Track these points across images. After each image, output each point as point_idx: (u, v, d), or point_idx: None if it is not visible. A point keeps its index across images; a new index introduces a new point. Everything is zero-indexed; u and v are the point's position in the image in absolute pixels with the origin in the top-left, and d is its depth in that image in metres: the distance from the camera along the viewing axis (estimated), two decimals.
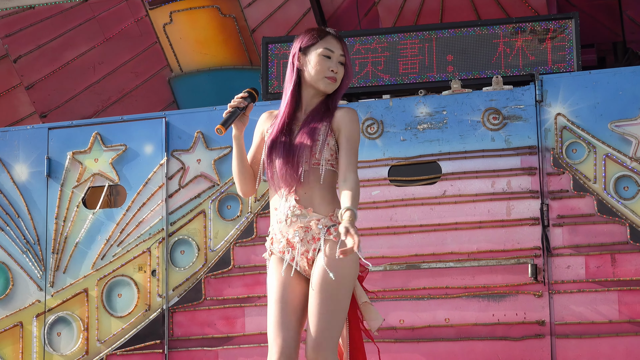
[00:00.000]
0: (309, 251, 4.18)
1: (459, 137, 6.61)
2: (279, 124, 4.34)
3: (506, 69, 6.79)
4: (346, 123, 4.30)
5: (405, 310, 6.52)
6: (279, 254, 4.26)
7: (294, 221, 4.18)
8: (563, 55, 6.74)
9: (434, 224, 6.56)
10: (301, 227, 4.18)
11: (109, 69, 8.65)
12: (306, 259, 4.20)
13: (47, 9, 8.41)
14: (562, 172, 6.42)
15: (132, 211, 7.06)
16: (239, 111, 4.30)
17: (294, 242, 4.20)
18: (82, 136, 7.25)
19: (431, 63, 6.91)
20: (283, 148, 4.25)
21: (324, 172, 4.22)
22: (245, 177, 4.36)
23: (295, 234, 4.19)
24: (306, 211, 4.18)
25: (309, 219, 4.17)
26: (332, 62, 4.29)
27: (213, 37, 8.44)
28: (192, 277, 6.91)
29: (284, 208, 4.22)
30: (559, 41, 6.77)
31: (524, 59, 6.78)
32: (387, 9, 7.97)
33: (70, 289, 7.10)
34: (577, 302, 6.29)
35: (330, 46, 4.30)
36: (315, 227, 4.16)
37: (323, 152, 4.22)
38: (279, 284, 4.20)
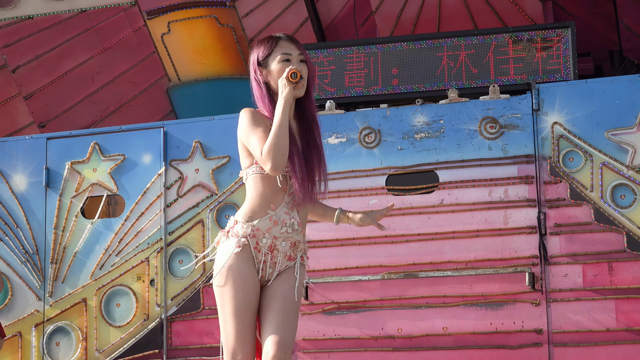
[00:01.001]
0: (279, 264, 4.16)
1: (456, 146, 6.62)
2: None
3: (503, 78, 6.81)
4: None
5: (403, 319, 6.54)
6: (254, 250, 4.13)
7: (289, 233, 4.15)
8: (560, 64, 6.76)
9: (431, 233, 6.57)
10: (289, 241, 4.17)
11: (107, 79, 8.68)
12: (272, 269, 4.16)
13: (45, 19, 8.44)
14: (559, 180, 6.44)
15: (131, 221, 7.08)
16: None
17: (276, 249, 4.14)
18: (81, 146, 7.26)
19: (428, 72, 6.92)
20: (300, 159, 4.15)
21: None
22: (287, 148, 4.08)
23: (283, 244, 4.14)
24: (300, 230, 4.18)
25: (298, 239, 4.18)
26: (293, 64, 4.18)
27: (211, 46, 8.46)
28: (190, 287, 6.92)
29: (284, 215, 4.15)
30: (555, 50, 6.79)
31: (521, 67, 6.80)
32: (384, 18, 7.99)
33: (69, 298, 7.11)
34: (575, 310, 6.30)
35: (286, 50, 4.20)
36: (297, 249, 4.19)
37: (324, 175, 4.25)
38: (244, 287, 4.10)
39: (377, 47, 7.02)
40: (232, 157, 6.96)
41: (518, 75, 6.80)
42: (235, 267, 4.13)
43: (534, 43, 6.83)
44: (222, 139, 7.01)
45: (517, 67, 6.81)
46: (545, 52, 6.80)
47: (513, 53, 6.84)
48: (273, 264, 4.17)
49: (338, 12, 8.30)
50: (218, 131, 7.03)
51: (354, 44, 7.12)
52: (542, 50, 6.81)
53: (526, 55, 6.82)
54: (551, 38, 6.81)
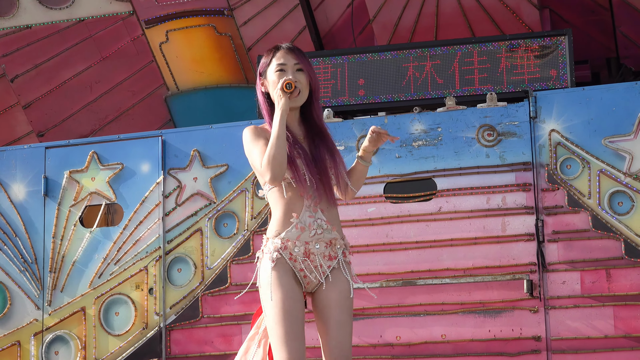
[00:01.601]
0: (322, 265, 4.18)
1: (453, 153, 6.64)
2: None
3: (500, 85, 6.83)
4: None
5: (402, 326, 6.54)
6: (289, 260, 4.19)
7: (319, 233, 4.18)
8: (557, 71, 6.77)
9: (429, 241, 6.58)
10: (323, 241, 4.18)
11: (106, 88, 8.69)
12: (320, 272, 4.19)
13: (43, 28, 8.46)
14: (557, 188, 6.45)
15: (129, 229, 7.08)
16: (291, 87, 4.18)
17: (312, 253, 4.18)
18: (79, 155, 7.27)
19: (426, 80, 6.94)
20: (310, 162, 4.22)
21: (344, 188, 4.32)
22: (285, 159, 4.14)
23: (316, 246, 4.17)
24: (331, 227, 4.19)
25: (332, 236, 4.19)
26: (287, 74, 4.22)
27: (209, 55, 8.47)
28: (189, 295, 6.92)
29: (308, 218, 4.18)
30: (552, 57, 6.80)
31: (518, 75, 6.82)
32: (382, 26, 8.01)
33: (67, 307, 7.11)
34: (573, 317, 6.31)
35: (281, 60, 4.25)
36: (335, 246, 4.20)
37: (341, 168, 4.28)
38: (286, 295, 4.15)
39: (375, 55, 7.04)
40: (230, 165, 6.97)
41: (515, 83, 6.82)
42: (274, 279, 4.19)
43: (531, 51, 6.85)
44: (220, 147, 7.02)
45: (515, 75, 6.83)
46: (543, 59, 6.82)
47: (510, 61, 6.86)
48: (314, 268, 4.19)
49: (336, 21, 8.32)
50: (216, 140, 7.05)
51: (352, 52, 7.14)
52: (539, 58, 6.83)
53: (523, 62, 6.84)
54: (548, 46, 6.83)
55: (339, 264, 4.20)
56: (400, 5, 7.90)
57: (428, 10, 7.91)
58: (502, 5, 7.78)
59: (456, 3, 7.83)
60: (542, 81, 6.78)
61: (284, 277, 4.19)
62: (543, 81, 6.78)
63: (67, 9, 8.39)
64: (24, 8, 8.38)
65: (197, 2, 8.26)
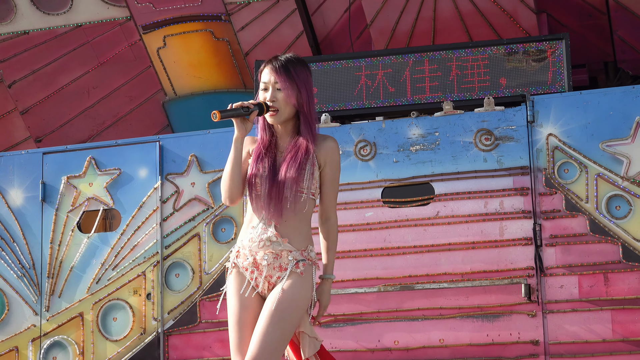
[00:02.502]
0: (272, 276, 4.33)
1: (451, 158, 6.64)
2: (257, 152, 4.44)
3: (497, 89, 6.84)
4: (332, 157, 4.43)
5: (400, 331, 6.54)
6: (242, 269, 4.37)
7: (267, 245, 4.32)
8: (554, 75, 6.78)
9: (427, 245, 6.58)
10: (272, 253, 4.32)
11: (103, 93, 8.70)
12: (268, 282, 4.34)
13: (41, 34, 8.47)
14: (555, 192, 6.45)
15: (127, 235, 7.08)
16: (242, 111, 4.30)
17: (260, 264, 4.33)
18: (77, 160, 7.27)
19: (423, 84, 6.95)
20: (268, 176, 4.35)
21: (307, 201, 4.38)
22: (235, 182, 4.37)
23: (264, 257, 4.31)
24: (282, 240, 4.32)
25: (282, 248, 4.32)
26: (268, 93, 4.37)
27: (206, 60, 8.48)
28: (187, 300, 6.92)
29: (260, 230, 4.35)
30: (550, 62, 6.81)
31: (515, 79, 6.83)
32: (379, 31, 8.02)
33: (65, 313, 7.11)
34: (571, 321, 6.30)
35: (264, 78, 4.39)
36: (286, 257, 4.32)
37: (307, 182, 4.34)
38: (238, 304, 4.36)
39: (373, 59, 7.05)
40: None
41: (513, 87, 6.82)
42: (229, 288, 4.41)
43: (528, 55, 6.86)
44: (218, 152, 7.02)
45: (512, 79, 6.84)
46: (540, 63, 6.83)
47: (508, 65, 6.87)
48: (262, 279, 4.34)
49: (333, 26, 8.33)
50: (214, 145, 7.05)
51: (349, 57, 7.15)
52: (536, 62, 6.83)
53: (521, 67, 6.85)
54: (545, 50, 6.84)
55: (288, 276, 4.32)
56: (398, 10, 7.91)
57: (425, 15, 7.92)
58: (499, 9, 7.80)
59: (453, 7, 7.84)
60: (540, 85, 6.79)
61: (236, 286, 4.38)
62: (540, 85, 6.79)
63: (65, 14, 8.39)
64: (21, 14, 8.39)
65: (195, 8, 8.26)
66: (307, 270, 4.36)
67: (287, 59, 4.40)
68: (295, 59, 4.42)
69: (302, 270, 4.33)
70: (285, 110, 4.37)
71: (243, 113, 4.29)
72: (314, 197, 4.41)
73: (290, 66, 4.37)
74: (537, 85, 6.78)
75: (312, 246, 4.41)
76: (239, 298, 4.37)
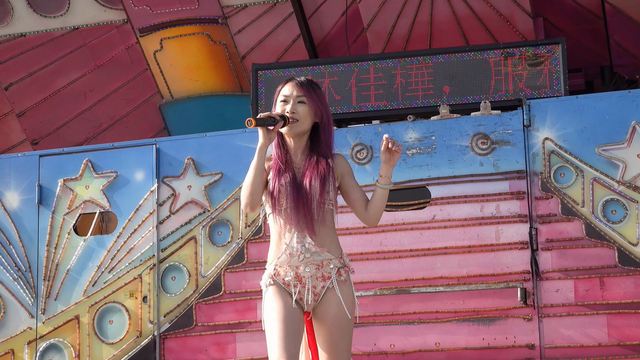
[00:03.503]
0: (316, 287, 4.37)
1: (447, 162, 6.65)
2: (276, 168, 4.49)
3: (494, 94, 6.84)
4: (346, 167, 4.51)
5: (396, 334, 6.54)
6: (283, 285, 4.40)
7: (307, 257, 4.37)
8: (550, 80, 6.79)
9: (423, 249, 6.59)
10: (313, 264, 4.37)
11: (100, 96, 8.69)
12: (313, 294, 4.38)
13: (38, 37, 8.46)
14: (551, 196, 6.46)
15: (123, 238, 7.08)
16: (271, 121, 4.37)
17: (303, 277, 4.38)
18: (73, 163, 7.27)
19: (420, 88, 6.95)
20: (292, 189, 4.41)
21: (330, 212, 4.43)
22: (257, 189, 4.40)
23: (306, 270, 4.37)
24: (321, 250, 4.37)
25: (322, 258, 4.37)
26: (288, 106, 4.45)
27: (203, 63, 8.48)
28: (183, 303, 6.92)
29: (296, 244, 4.39)
30: (546, 66, 6.82)
31: (512, 84, 6.84)
32: (376, 34, 8.03)
33: (61, 315, 7.11)
34: (567, 325, 6.31)
35: (286, 92, 4.48)
36: (327, 266, 4.38)
37: (330, 193, 4.41)
38: (283, 307, 4.36)
39: (369, 63, 7.05)
40: (224, 173, 6.98)
41: (509, 91, 6.83)
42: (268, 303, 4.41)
43: (524, 59, 6.87)
44: (214, 155, 7.02)
45: (508, 83, 6.85)
46: (537, 68, 6.84)
47: (504, 69, 6.88)
48: (307, 291, 4.39)
49: (330, 29, 8.33)
50: (210, 148, 7.05)
51: (346, 60, 7.16)
52: (533, 66, 6.84)
53: (517, 71, 6.86)
54: (542, 54, 6.85)
55: (332, 283, 4.37)
56: (394, 14, 7.92)
57: (422, 19, 7.93)
58: (495, 13, 7.81)
59: (450, 11, 7.85)
60: (536, 89, 6.80)
61: (279, 295, 4.39)
62: (537, 89, 6.80)
63: (62, 17, 8.39)
64: (18, 16, 8.39)
65: (192, 11, 8.27)
66: (348, 277, 4.43)
67: (308, 79, 4.56)
68: (314, 82, 4.57)
69: (345, 278, 4.40)
70: (305, 122, 4.46)
71: (272, 123, 4.37)
72: (333, 208, 4.45)
73: (311, 84, 4.52)
74: (533, 89, 6.79)
75: (345, 253, 4.47)
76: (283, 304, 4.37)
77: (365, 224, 4.53)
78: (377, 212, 4.48)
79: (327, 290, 4.39)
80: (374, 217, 4.48)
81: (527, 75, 6.83)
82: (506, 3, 7.77)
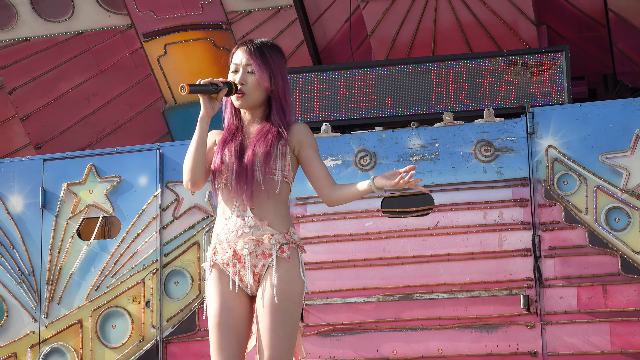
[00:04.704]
0: (256, 266, 4.00)
1: (451, 168, 6.66)
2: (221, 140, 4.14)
3: (498, 101, 6.86)
4: (306, 136, 4.14)
5: (398, 341, 6.55)
6: (222, 265, 4.03)
7: (246, 232, 4.00)
8: (554, 87, 6.80)
9: (426, 255, 6.59)
10: (252, 240, 3.99)
11: (104, 101, 8.71)
12: (253, 273, 4.00)
13: (42, 41, 8.47)
14: (554, 203, 6.47)
15: (127, 242, 7.09)
16: (211, 87, 4.02)
17: (241, 255, 4.00)
18: (77, 168, 7.28)
19: (423, 95, 6.97)
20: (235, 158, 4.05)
21: (280, 183, 4.05)
22: (198, 163, 4.06)
23: (245, 246, 3.99)
24: (261, 224, 4.00)
25: (262, 232, 4.00)
26: (238, 76, 4.12)
27: (207, 68, 8.49)
28: (186, 308, 6.93)
29: (235, 219, 4.03)
30: (549, 73, 6.83)
31: (515, 91, 6.85)
32: (379, 41, 8.04)
33: (64, 319, 7.11)
34: (569, 333, 6.32)
35: (235, 59, 4.16)
36: (268, 242, 3.99)
37: (278, 161, 4.04)
38: (219, 305, 4.01)
39: (373, 70, 7.06)
40: None
41: (512, 98, 6.84)
42: (208, 290, 4.07)
43: (528, 67, 6.88)
44: None
45: (512, 91, 6.86)
46: (540, 75, 6.85)
47: (508, 76, 6.89)
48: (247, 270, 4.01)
49: (334, 36, 8.34)
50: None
51: (349, 67, 7.17)
52: (536, 74, 6.85)
53: (520, 78, 6.87)
54: (545, 62, 6.86)
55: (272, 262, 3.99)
56: (398, 21, 7.93)
57: (426, 26, 7.94)
58: (499, 21, 7.82)
59: (454, 19, 7.87)
60: (540, 97, 6.81)
61: (218, 286, 4.03)
62: (540, 97, 6.81)
63: (66, 21, 8.40)
64: (22, 20, 8.40)
65: (196, 16, 8.28)
66: (294, 254, 4.02)
67: (263, 42, 4.18)
68: (270, 44, 4.19)
69: (289, 255, 4.00)
70: (255, 94, 4.10)
71: (212, 90, 4.02)
72: (287, 180, 4.07)
73: (265, 49, 4.15)
74: (537, 97, 6.80)
75: (294, 229, 4.07)
76: (221, 299, 4.00)
77: (323, 200, 4.13)
78: (344, 199, 4.08)
79: (268, 269, 3.99)
80: (337, 201, 4.09)
81: (531, 83, 6.84)
82: (510, 10, 7.78)
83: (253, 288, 4.03)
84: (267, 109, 4.16)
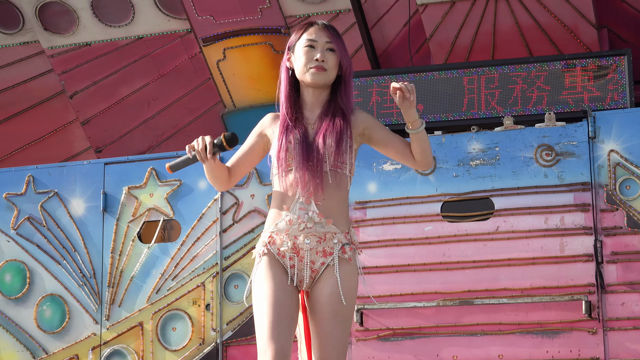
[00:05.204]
0: (315, 262, 3.92)
1: (511, 173, 6.62)
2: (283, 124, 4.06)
3: (559, 105, 6.81)
4: (371, 119, 4.08)
5: (459, 346, 6.53)
6: (278, 256, 3.94)
7: (309, 227, 3.90)
8: (616, 91, 6.75)
9: (487, 260, 6.57)
10: (314, 236, 3.91)
11: (163, 105, 8.77)
12: (310, 270, 3.93)
13: (102, 46, 8.56)
14: (616, 208, 6.42)
15: (187, 246, 7.14)
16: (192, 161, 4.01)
17: (301, 249, 3.92)
18: (138, 171, 7.34)
19: (483, 99, 6.94)
20: (301, 147, 3.94)
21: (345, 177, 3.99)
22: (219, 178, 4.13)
23: (306, 242, 3.91)
24: (325, 221, 3.92)
25: (326, 230, 3.92)
26: (316, 51, 3.99)
27: (266, 73, 8.53)
28: (245, 312, 6.96)
29: (299, 210, 3.93)
30: (611, 77, 6.78)
31: (577, 95, 6.80)
32: (438, 45, 8.03)
33: (125, 322, 7.17)
34: (632, 339, 6.26)
35: (313, 36, 4.01)
36: (331, 241, 3.92)
37: (346, 154, 3.96)
38: (275, 286, 3.89)
39: (432, 74, 7.05)
40: None
41: (574, 102, 6.80)
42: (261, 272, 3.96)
43: (590, 70, 6.83)
44: None
45: (573, 95, 6.81)
46: (601, 79, 6.80)
47: (568, 80, 6.84)
48: (305, 266, 3.92)
49: (392, 40, 8.34)
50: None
51: (408, 71, 7.16)
52: (598, 78, 6.80)
53: (582, 82, 6.82)
54: (607, 65, 6.81)
55: (333, 261, 3.91)
56: (457, 24, 7.91)
57: (485, 29, 7.91)
58: (559, 24, 7.77)
59: (513, 22, 7.83)
60: (601, 101, 6.76)
61: (272, 270, 3.92)
62: (602, 101, 6.75)
63: (126, 26, 8.49)
64: (83, 25, 8.50)
65: (255, 21, 8.32)
66: (354, 256, 3.95)
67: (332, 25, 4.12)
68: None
69: (350, 256, 3.93)
70: (333, 72, 4.01)
71: (193, 161, 4.01)
72: (350, 176, 4.00)
73: (337, 31, 4.09)
74: (598, 101, 6.75)
75: (353, 229, 4.00)
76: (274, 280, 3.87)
77: (418, 169, 4.10)
78: (425, 155, 4.01)
79: (327, 268, 3.91)
80: (425, 161, 4.01)
81: (592, 87, 6.79)
82: (570, 14, 7.73)
83: (308, 284, 3.96)
84: (329, 93, 4.07)
